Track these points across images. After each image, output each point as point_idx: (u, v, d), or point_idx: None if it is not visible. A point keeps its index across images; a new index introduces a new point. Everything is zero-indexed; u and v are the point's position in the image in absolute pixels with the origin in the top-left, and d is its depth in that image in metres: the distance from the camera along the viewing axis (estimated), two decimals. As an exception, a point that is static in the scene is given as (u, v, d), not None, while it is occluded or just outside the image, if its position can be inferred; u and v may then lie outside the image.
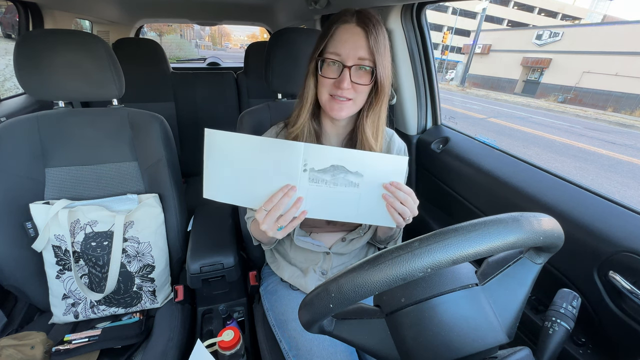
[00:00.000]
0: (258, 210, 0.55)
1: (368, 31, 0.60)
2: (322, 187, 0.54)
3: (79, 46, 0.81)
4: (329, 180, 0.54)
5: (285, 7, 1.78)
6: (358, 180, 0.55)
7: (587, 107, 15.05)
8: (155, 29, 16.65)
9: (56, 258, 0.84)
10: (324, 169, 0.54)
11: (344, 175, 0.54)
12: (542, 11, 31.68)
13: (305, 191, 0.54)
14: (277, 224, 0.55)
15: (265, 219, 0.54)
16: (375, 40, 0.60)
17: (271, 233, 0.56)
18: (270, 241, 0.80)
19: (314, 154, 0.53)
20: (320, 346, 0.69)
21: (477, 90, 19.77)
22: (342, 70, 0.61)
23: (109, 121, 0.91)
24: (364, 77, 0.63)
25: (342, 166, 0.54)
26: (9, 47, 0.85)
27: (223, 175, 0.55)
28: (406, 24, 1.13)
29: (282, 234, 0.56)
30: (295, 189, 0.53)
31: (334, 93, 0.64)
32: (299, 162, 0.53)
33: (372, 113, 0.68)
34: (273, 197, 0.53)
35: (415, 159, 1.24)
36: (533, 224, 0.32)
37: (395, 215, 0.56)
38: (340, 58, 0.61)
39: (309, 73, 0.67)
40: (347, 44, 0.61)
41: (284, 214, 0.54)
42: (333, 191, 0.54)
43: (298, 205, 0.54)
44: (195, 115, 1.91)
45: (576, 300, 0.43)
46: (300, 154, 0.53)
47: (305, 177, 0.54)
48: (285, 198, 0.53)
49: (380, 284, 0.30)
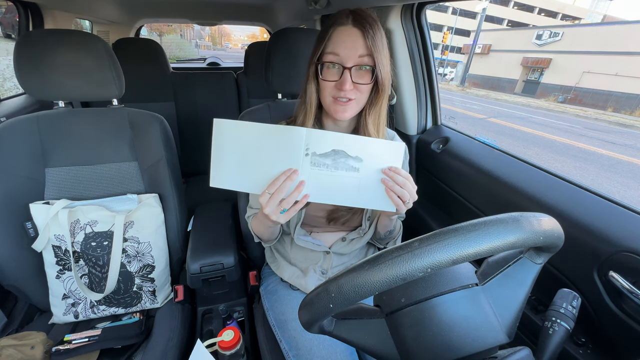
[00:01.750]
0: (262, 194, 0.55)
1: (365, 31, 0.60)
2: (323, 171, 0.55)
3: (79, 46, 0.81)
4: (330, 164, 0.55)
5: (285, 7, 1.78)
6: (358, 165, 0.56)
7: (587, 107, 15.05)
8: (155, 29, 16.65)
9: (56, 258, 0.84)
10: (325, 154, 0.55)
11: (344, 160, 0.55)
12: (542, 11, 31.67)
13: (307, 175, 0.55)
14: (280, 207, 0.55)
15: (269, 202, 0.55)
16: (372, 39, 0.60)
17: (274, 217, 0.56)
18: (270, 238, 0.80)
19: (316, 139, 0.55)
20: (320, 346, 0.69)
21: (477, 90, 19.77)
22: (343, 72, 0.61)
23: (109, 121, 0.91)
24: (364, 76, 0.63)
25: (342, 151, 0.55)
26: (10, 48, 0.86)
27: (229, 163, 0.57)
28: (406, 24, 1.13)
29: (285, 218, 0.57)
30: (298, 173, 0.54)
31: (336, 95, 0.64)
32: (302, 146, 0.54)
33: (374, 111, 0.68)
34: (276, 181, 0.54)
35: (415, 159, 1.24)
36: (533, 224, 0.32)
37: (395, 199, 0.57)
38: (340, 60, 0.61)
39: (309, 78, 0.67)
40: (345, 45, 0.61)
41: (287, 197, 0.55)
42: (334, 175, 0.56)
43: (300, 188, 0.54)
44: (195, 115, 1.91)
45: (576, 300, 0.43)
46: (302, 139, 0.54)
47: (308, 161, 0.55)
48: (288, 181, 0.54)
49: (380, 284, 0.30)
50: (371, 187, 0.57)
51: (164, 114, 1.01)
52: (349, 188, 0.57)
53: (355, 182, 0.57)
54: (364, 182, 0.57)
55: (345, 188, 0.57)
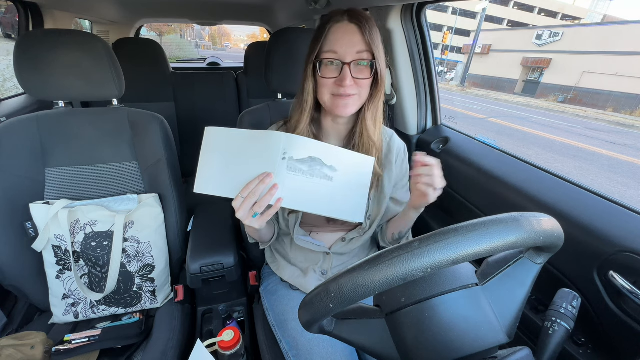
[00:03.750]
0: (235, 198, 0.55)
1: (362, 26, 0.61)
2: (298, 177, 0.56)
3: (79, 46, 0.80)
4: (306, 170, 0.56)
5: (285, 7, 1.78)
6: (332, 174, 0.58)
7: (587, 107, 15.04)
8: (155, 29, 16.64)
9: (56, 258, 0.84)
10: (302, 160, 0.56)
11: (320, 168, 0.57)
12: (542, 11, 31.68)
13: (282, 179, 0.55)
14: (252, 211, 0.55)
15: (241, 206, 0.54)
16: (370, 34, 0.61)
17: (247, 222, 0.56)
18: (263, 240, 0.80)
19: (294, 144, 0.55)
20: (320, 346, 0.69)
21: (477, 90, 19.77)
22: (342, 68, 0.62)
23: (109, 121, 0.91)
24: (364, 71, 0.64)
25: (318, 159, 0.56)
26: (11, 48, 0.86)
27: (213, 168, 0.57)
28: (406, 24, 1.13)
29: (258, 224, 0.57)
30: (272, 176, 0.54)
31: (336, 92, 0.64)
32: (279, 150, 0.54)
33: (372, 106, 0.69)
34: (249, 184, 0.54)
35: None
36: (533, 224, 0.32)
37: (423, 189, 0.60)
38: (338, 56, 0.62)
39: (307, 77, 0.67)
40: (344, 41, 0.61)
41: (259, 201, 0.54)
42: (309, 182, 0.56)
43: (273, 192, 0.54)
44: (195, 115, 1.91)
45: (576, 300, 0.43)
46: (280, 143, 0.55)
47: (284, 165, 0.55)
48: (261, 185, 0.53)
49: (380, 284, 0.30)
50: (342, 198, 0.59)
51: (164, 114, 1.01)
52: (322, 196, 0.58)
53: (329, 191, 0.58)
54: (336, 191, 0.58)
55: (318, 196, 0.57)
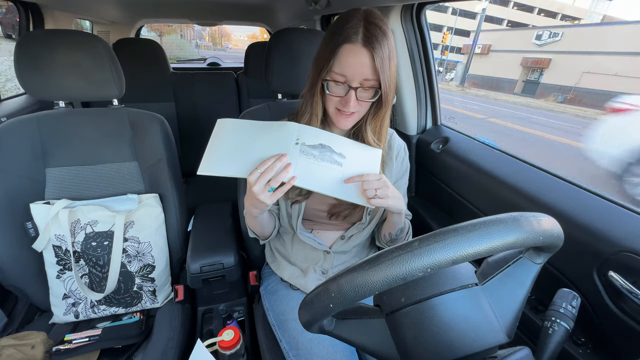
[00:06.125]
0: (252, 172, 0.57)
1: (374, 52, 0.59)
2: (310, 160, 0.61)
3: (79, 46, 0.81)
4: (317, 155, 0.61)
5: (285, 7, 1.78)
6: (341, 160, 0.63)
7: (587, 107, 15.03)
8: (156, 29, 16.63)
9: (56, 258, 0.84)
10: (313, 145, 0.61)
11: (329, 154, 0.62)
12: (542, 11, 31.67)
13: (295, 161, 0.59)
14: (267, 186, 0.58)
15: (258, 179, 0.57)
16: (381, 61, 0.59)
17: (262, 196, 0.58)
18: (262, 232, 0.80)
19: (306, 133, 0.62)
20: (320, 346, 0.69)
21: (477, 91, 19.76)
22: (348, 90, 0.63)
23: (109, 121, 0.91)
24: (368, 92, 0.64)
25: (329, 146, 0.62)
26: (13, 49, 0.86)
27: (221, 152, 0.61)
28: (406, 24, 1.13)
29: (272, 199, 0.59)
30: (287, 156, 0.58)
31: (340, 108, 0.66)
32: (293, 136, 0.61)
33: (374, 121, 0.70)
34: (267, 161, 0.57)
35: (415, 159, 1.24)
36: (533, 224, 0.32)
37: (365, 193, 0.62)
38: (346, 79, 0.62)
39: (316, 91, 0.67)
40: (353, 67, 0.60)
41: (275, 176, 0.57)
42: (319, 165, 0.61)
43: (288, 169, 0.58)
44: (196, 116, 1.91)
45: (576, 300, 0.43)
46: (294, 131, 0.61)
47: (297, 149, 0.60)
48: (277, 162, 0.57)
49: (380, 284, 0.30)
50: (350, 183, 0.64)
51: (164, 114, 1.01)
52: (331, 179, 0.62)
53: (338, 174, 0.62)
54: (346, 175, 0.62)
55: (327, 178, 0.61)
